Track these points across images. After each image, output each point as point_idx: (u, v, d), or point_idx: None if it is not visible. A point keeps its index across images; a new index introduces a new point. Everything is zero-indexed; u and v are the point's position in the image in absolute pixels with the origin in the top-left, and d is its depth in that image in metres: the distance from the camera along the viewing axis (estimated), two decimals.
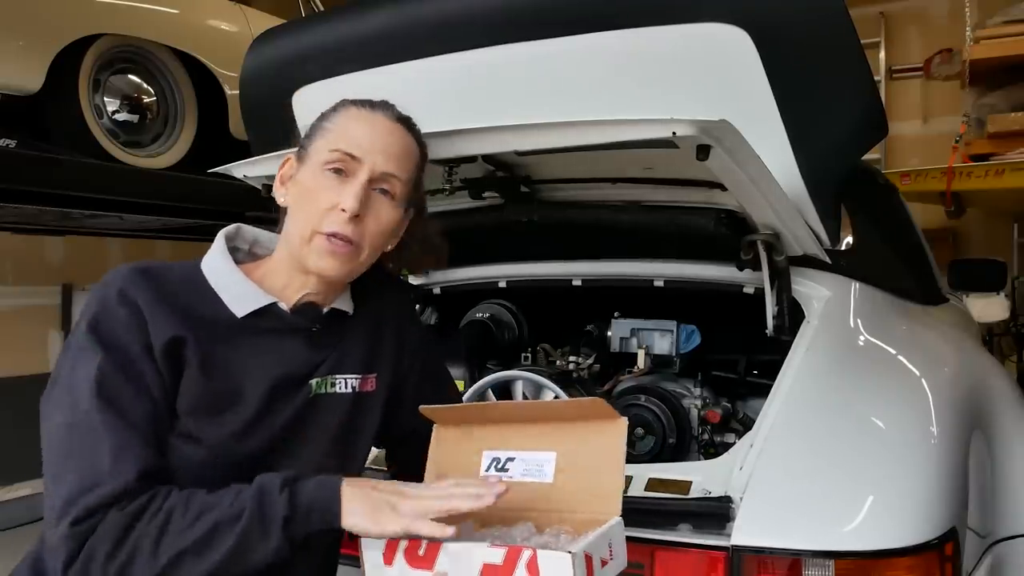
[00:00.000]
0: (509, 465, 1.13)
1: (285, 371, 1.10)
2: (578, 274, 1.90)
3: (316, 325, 1.14)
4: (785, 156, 1.43)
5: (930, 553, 1.15)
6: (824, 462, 1.27)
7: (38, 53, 2.79)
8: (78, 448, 0.96)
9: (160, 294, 1.03)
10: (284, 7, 4.11)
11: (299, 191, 1.12)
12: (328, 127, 1.13)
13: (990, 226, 5.95)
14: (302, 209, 1.10)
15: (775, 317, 1.59)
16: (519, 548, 0.94)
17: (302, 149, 1.15)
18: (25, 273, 4.68)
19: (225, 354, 1.06)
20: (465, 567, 0.96)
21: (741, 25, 1.35)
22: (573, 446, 1.10)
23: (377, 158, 1.10)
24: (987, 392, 1.72)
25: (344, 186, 1.09)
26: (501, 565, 0.94)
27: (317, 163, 1.10)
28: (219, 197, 3.21)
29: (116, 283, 1.03)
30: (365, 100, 1.16)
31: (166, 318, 1.02)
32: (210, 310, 1.07)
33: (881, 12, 6.41)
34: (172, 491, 0.96)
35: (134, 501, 0.94)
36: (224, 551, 0.93)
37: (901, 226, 2.48)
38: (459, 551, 0.96)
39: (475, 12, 1.53)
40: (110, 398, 0.97)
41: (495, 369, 1.95)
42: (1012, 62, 4.21)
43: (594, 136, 1.17)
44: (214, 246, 1.15)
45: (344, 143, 1.10)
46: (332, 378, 1.15)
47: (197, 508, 0.95)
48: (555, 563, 0.91)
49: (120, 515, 0.93)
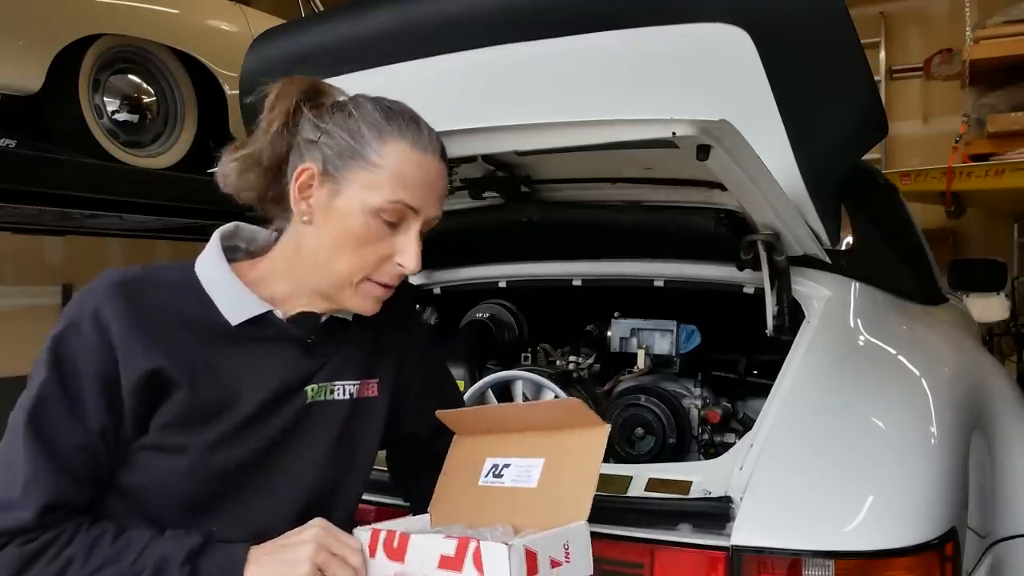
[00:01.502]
0: (504, 471, 1.16)
1: (280, 380, 1.07)
2: (578, 274, 1.90)
3: (312, 336, 1.11)
4: (785, 156, 1.42)
5: (930, 553, 1.15)
6: (824, 462, 1.27)
7: (38, 53, 2.79)
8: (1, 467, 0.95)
9: (139, 318, 0.99)
10: (284, 7, 4.11)
11: (343, 230, 1.04)
12: (377, 163, 1.02)
13: (990, 226, 5.95)
14: (350, 253, 1.04)
15: (775, 317, 1.59)
16: (467, 540, 0.97)
17: (331, 168, 1.04)
18: (25, 273, 4.68)
19: (215, 362, 1.03)
20: (427, 558, 0.99)
21: (741, 25, 1.35)
22: (559, 453, 1.12)
23: (431, 208, 1.07)
24: (987, 392, 1.72)
25: (399, 236, 1.05)
26: (453, 556, 0.97)
27: (367, 205, 1.02)
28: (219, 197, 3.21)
29: (93, 300, 0.99)
30: (412, 131, 1.05)
31: (143, 348, 0.98)
32: (202, 315, 1.04)
33: (881, 12, 6.42)
34: (79, 533, 0.95)
35: (36, 539, 0.92)
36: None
37: (901, 226, 2.48)
38: (421, 543, 1.00)
39: (475, 12, 1.53)
40: (40, 424, 0.95)
41: (495, 369, 1.95)
42: (1012, 62, 4.21)
43: (594, 136, 1.17)
44: (209, 246, 1.10)
45: (404, 194, 1.03)
46: (331, 385, 1.12)
47: (97, 562, 0.93)
48: (494, 554, 0.94)
49: (19, 551, 0.92)
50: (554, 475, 1.11)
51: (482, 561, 0.95)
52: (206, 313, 1.04)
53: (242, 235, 1.16)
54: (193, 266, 1.09)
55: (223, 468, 1.02)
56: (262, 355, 1.07)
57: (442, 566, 0.98)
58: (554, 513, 1.07)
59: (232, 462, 1.03)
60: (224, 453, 1.02)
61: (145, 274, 1.04)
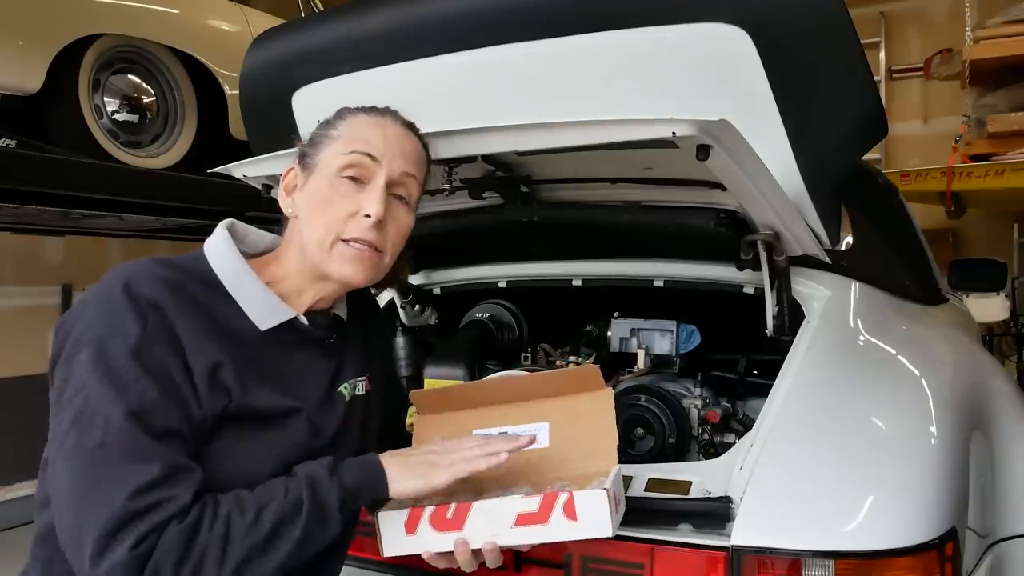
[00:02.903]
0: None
1: (323, 382, 1.13)
2: (578, 274, 1.90)
3: (332, 335, 1.15)
4: (785, 156, 1.42)
5: (930, 553, 1.15)
6: (824, 462, 1.27)
7: (38, 53, 2.80)
8: (116, 471, 0.90)
9: (188, 312, 0.99)
10: (284, 7, 4.11)
11: (313, 198, 1.10)
12: (336, 135, 1.12)
13: (990, 226, 5.95)
14: (320, 216, 1.08)
15: (775, 317, 1.59)
16: (555, 493, 1.03)
17: (306, 158, 1.13)
18: (25, 273, 4.68)
19: (259, 372, 1.04)
20: (498, 520, 1.03)
21: (741, 25, 1.34)
22: (564, 415, 1.21)
23: (395, 161, 1.10)
24: (987, 392, 1.72)
25: (364, 192, 1.08)
26: (537, 511, 1.03)
27: (331, 169, 1.09)
28: (219, 197, 3.22)
29: (143, 296, 0.96)
30: (370, 107, 1.15)
31: (203, 341, 0.98)
32: (234, 322, 1.04)
33: (881, 12, 6.42)
34: (218, 497, 0.95)
35: (188, 515, 0.91)
36: (290, 545, 0.95)
37: (901, 226, 2.48)
38: (492, 507, 1.04)
39: (475, 12, 1.53)
40: (145, 419, 0.92)
41: (495, 369, 1.95)
42: (1012, 62, 4.21)
43: (594, 136, 1.17)
44: (219, 241, 1.10)
45: (360, 145, 1.09)
46: (355, 381, 1.19)
47: (254, 508, 0.94)
48: (592, 500, 1.02)
49: (179, 528, 0.90)
50: (566, 435, 1.19)
51: (575, 509, 1.01)
52: (236, 319, 1.05)
53: (237, 233, 1.17)
54: (205, 259, 1.08)
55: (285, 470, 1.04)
56: (298, 360, 1.11)
57: (520, 523, 1.03)
58: (582, 465, 1.15)
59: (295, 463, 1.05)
60: (293, 456, 1.05)
61: (171, 266, 1.03)
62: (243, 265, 1.08)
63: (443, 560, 1.09)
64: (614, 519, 1.04)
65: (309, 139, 1.16)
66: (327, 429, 1.11)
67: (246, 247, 1.17)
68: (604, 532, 1.03)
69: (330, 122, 1.15)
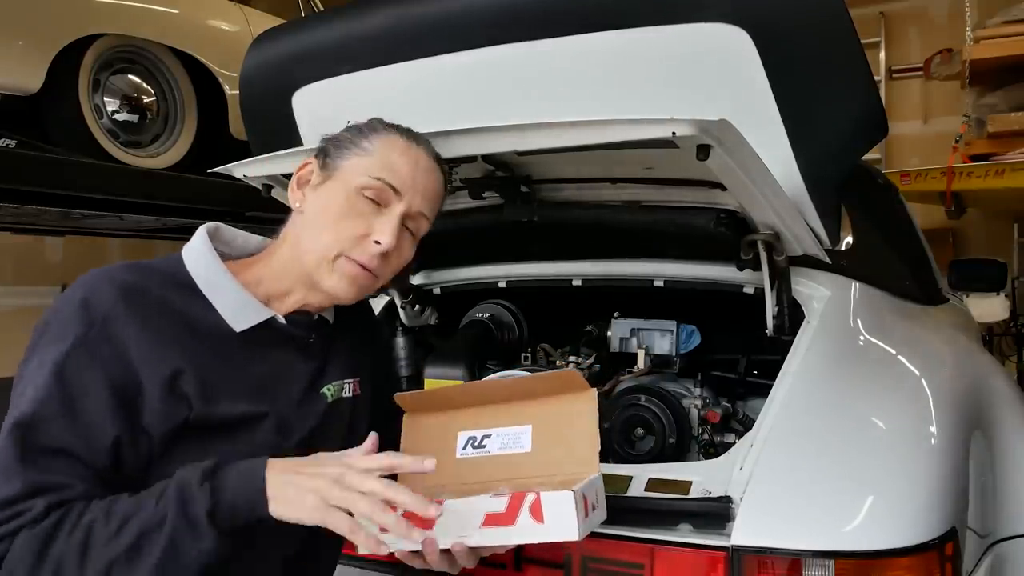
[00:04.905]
0: (486, 442, 1.20)
1: (300, 384, 1.11)
2: (578, 274, 1.90)
3: (312, 336, 1.14)
4: (785, 156, 1.42)
5: (930, 553, 1.15)
6: (824, 462, 1.27)
7: (38, 53, 2.80)
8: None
9: (149, 322, 0.98)
10: (284, 7, 4.11)
11: (325, 206, 1.09)
12: (368, 148, 1.10)
13: (990, 226, 5.95)
14: (330, 228, 1.07)
15: (775, 317, 1.59)
16: (522, 493, 1.00)
17: (327, 158, 1.12)
18: (25, 273, 4.68)
19: (227, 375, 1.03)
20: (466, 520, 1.01)
21: (741, 25, 1.34)
22: (547, 418, 1.19)
23: (416, 198, 1.10)
24: (987, 392, 1.72)
25: (379, 217, 1.08)
26: (504, 512, 1.00)
27: (352, 184, 1.08)
28: (219, 197, 3.22)
29: (100, 306, 0.96)
30: (407, 130, 1.14)
31: (162, 351, 0.97)
32: (204, 322, 1.03)
33: (881, 12, 6.42)
34: (92, 504, 0.92)
35: (42, 522, 0.89)
36: (156, 557, 0.89)
37: (901, 226, 2.48)
38: (460, 506, 1.02)
39: (475, 12, 1.53)
40: (35, 437, 0.92)
41: (495, 369, 1.94)
42: (1012, 62, 4.21)
43: (594, 136, 1.17)
44: (197, 243, 1.10)
45: (388, 174, 1.08)
46: (341, 383, 1.17)
47: (120, 516, 0.90)
48: (558, 502, 0.99)
49: (32, 534, 0.89)
50: (548, 438, 1.17)
51: (542, 511, 0.99)
52: (207, 320, 1.04)
53: (222, 236, 1.16)
54: (182, 262, 1.08)
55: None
56: (274, 360, 1.09)
57: (488, 524, 1.01)
58: (562, 470, 1.13)
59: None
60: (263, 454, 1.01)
61: (137, 278, 1.02)
62: (219, 266, 1.08)
63: (417, 559, 1.05)
64: (582, 523, 1.01)
65: (335, 139, 1.14)
66: (300, 430, 1.09)
67: (232, 250, 1.16)
68: (570, 535, 1.00)
69: (362, 131, 1.13)
